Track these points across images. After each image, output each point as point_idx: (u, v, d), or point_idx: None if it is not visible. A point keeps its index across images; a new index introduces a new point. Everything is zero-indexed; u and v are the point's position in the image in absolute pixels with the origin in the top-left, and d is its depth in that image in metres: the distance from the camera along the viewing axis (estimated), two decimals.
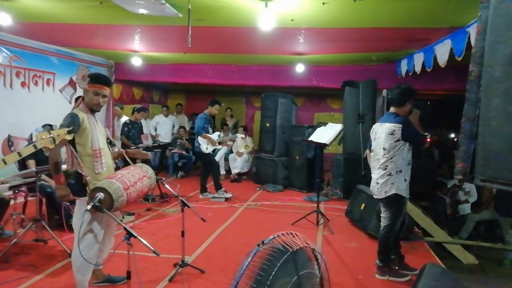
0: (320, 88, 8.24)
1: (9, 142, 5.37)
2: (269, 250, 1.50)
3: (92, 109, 2.96)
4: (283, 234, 1.57)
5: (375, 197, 3.60)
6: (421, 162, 7.64)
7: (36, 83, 6.31)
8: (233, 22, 4.75)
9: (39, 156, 4.53)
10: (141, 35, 5.71)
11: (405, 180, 3.44)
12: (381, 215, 3.61)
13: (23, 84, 6.02)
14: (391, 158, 3.41)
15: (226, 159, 8.77)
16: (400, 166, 3.41)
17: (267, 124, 8.12)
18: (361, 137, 6.63)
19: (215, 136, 6.61)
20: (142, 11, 4.02)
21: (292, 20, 4.54)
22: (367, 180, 6.11)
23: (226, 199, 6.38)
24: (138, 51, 6.84)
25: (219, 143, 6.80)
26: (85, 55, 7.45)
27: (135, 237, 2.47)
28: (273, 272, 1.41)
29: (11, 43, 5.73)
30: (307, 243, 1.63)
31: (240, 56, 7.13)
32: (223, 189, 6.55)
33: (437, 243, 5.47)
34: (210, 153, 6.49)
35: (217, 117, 10.40)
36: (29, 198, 4.38)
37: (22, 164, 4.58)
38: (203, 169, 6.84)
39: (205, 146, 6.36)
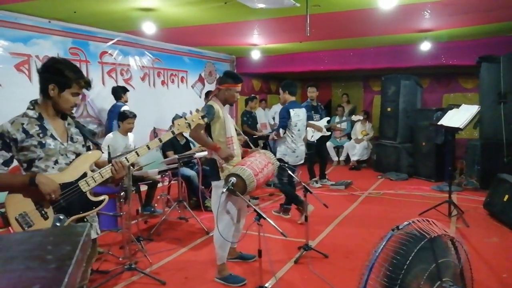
0: (450, 67, 7.42)
1: (155, 133, 6.23)
2: (405, 236, 1.47)
3: (229, 103, 3.32)
4: (418, 221, 1.51)
5: (297, 164, 4.83)
6: None
7: (173, 81, 7.19)
8: (350, 5, 4.61)
9: (175, 146, 5.18)
10: (259, 29, 5.97)
11: None
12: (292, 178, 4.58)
13: (163, 82, 6.93)
14: None
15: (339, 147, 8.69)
16: None
17: (388, 109, 7.72)
18: (503, 119, 5.80)
19: (323, 122, 6.49)
20: (261, 5, 4.20)
21: None
22: (510, 168, 5.40)
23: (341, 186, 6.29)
24: (257, 44, 7.17)
25: (328, 129, 6.65)
26: (211, 53, 8.14)
27: (264, 218, 2.68)
28: (410, 257, 1.38)
29: (153, 47, 6.64)
30: (445, 231, 1.54)
31: (356, 39, 6.88)
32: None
33: None
34: (314, 142, 6.42)
35: (333, 103, 10.33)
36: (172, 182, 5.05)
37: (164, 154, 5.30)
38: (319, 157, 6.84)
39: (310, 134, 6.32)
